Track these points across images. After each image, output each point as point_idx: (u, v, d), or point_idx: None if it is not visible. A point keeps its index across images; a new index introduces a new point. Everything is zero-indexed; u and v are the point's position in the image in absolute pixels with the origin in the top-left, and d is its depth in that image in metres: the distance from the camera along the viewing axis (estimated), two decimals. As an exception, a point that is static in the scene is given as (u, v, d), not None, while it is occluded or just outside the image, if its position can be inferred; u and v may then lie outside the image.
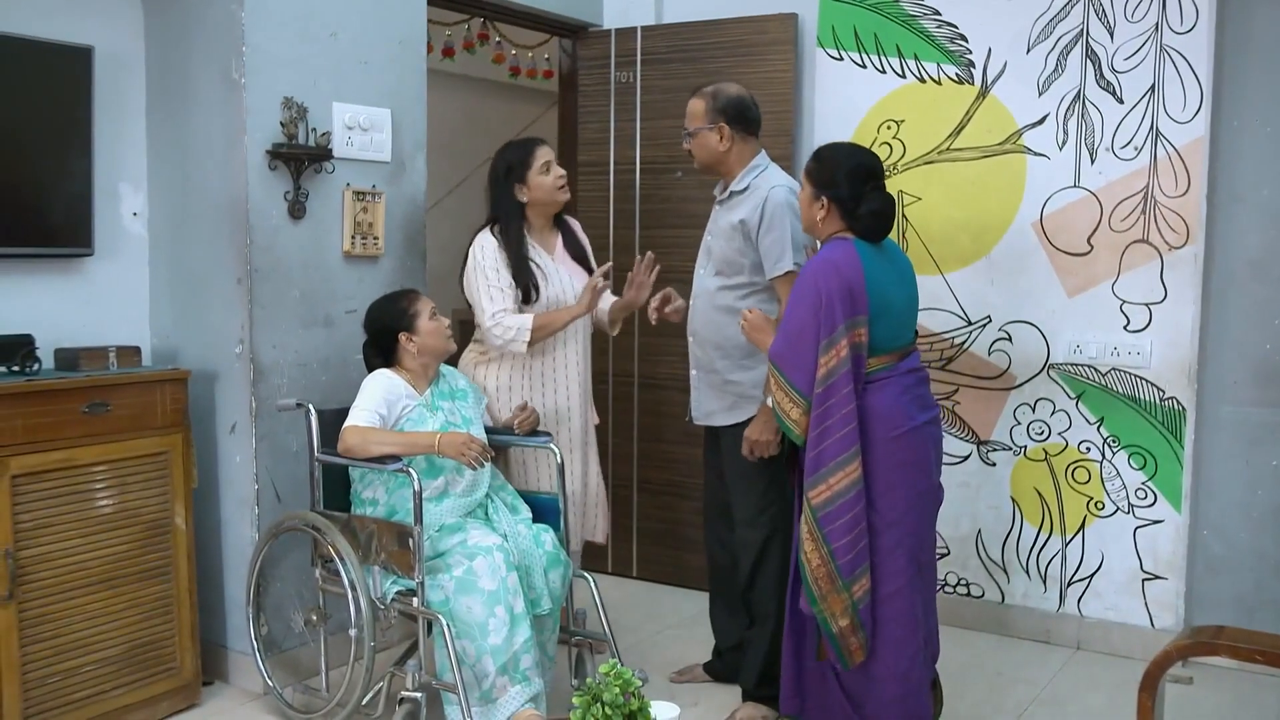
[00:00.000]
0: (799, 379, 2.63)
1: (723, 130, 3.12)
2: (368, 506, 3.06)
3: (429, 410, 3.08)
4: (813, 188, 2.78)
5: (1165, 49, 3.54)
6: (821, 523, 2.60)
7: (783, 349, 2.67)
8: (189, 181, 3.36)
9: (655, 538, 4.47)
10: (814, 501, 2.61)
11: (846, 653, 2.70)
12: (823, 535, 2.60)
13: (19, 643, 2.82)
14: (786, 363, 2.65)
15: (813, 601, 2.65)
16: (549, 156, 3.36)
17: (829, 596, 2.63)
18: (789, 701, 2.91)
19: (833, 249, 2.72)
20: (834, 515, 2.60)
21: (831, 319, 2.60)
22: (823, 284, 2.63)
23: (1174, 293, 3.57)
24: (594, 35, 4.51)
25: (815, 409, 2.60)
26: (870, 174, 2.77)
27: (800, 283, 2.69)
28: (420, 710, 2.88)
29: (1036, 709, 3.32)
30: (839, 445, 2.61)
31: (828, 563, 2.61)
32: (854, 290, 2.63)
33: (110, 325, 3.36)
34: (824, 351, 2.61)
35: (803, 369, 2.62)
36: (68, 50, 3.11)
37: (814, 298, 2.62)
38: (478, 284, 3.33)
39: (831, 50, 4.06)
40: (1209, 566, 3.68)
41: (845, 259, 2.68)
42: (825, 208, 2.76)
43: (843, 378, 2.61)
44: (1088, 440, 3.73)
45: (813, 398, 2.61)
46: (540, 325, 3.28)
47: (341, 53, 3.42)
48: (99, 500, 3.01)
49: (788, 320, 2.68)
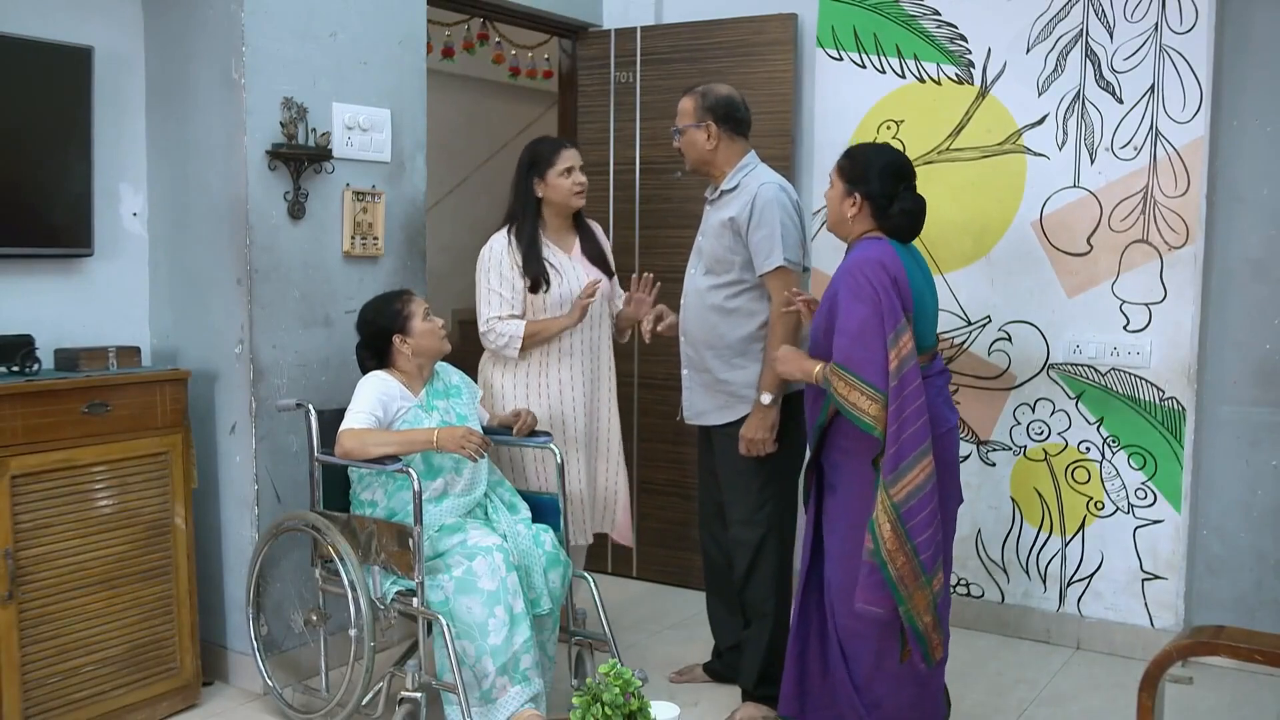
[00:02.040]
0: (872, 375, 2.56)
1: (710, 129, 3.13)
2: (366, 509, 3.06)
3: (424, 411, 3.08)
4: (844, 184, 2.77)
5: (1165, 49, 3.54)
6: (905, 518, 2.54)
7: (850, 350, 2.60)
8: (189, 182, 3.36)
9: (655, 538, 4.48)
10: (897, 498, 2.55)
11: (930, 650, 2.65)
12: (906, 531, 2.54)
13: (19, 643, 2.82)
14: (855, 363, 2.58)
15: (900, 601, 2.58)
16: (573, 162, 3.37)
17: (914, 594, 2.58)
18: (789, 704, 2.90)
19: (871, 247, 2.70)
20: (915, 510, 2.55)
21: (894, 312, 2.58)
22: (875, 279, 2.60)
23: (1174, 293, 3.57)
24: (594, 35, 4.51)
25: (892, 402, 2.55)
26: (903, 173, 2.77)
27: (850, 282, 2.64)
28: (420, 710, 2.88)
29: (1036, 709, 3.32)
30: (916, 438, 2.56)
31: (912, 559, 2.55)
32: (900, 287, 2.63)
33: (110, 325, 3.36)
34: (893, 344, 2.56)
35: (874, 364, 2.57)
36: (68, 50, 3.11)
37: (870, 292, 2.59)
38: (479, 287, 3.37)
39: (831, 50, 4.06)
40: (1209, 566, 3.68)
41: (888, 257, 2.67)
42: (857, 205, 2.75)
43: (912, 370, 2.57)
44: (1087, 440, 3.73)
45: (888, 391, 2.55)
46: (531, 333, 3.32)
47: (341, 53, 3.42)
48: (99, 500, 3.01)
49: (846, 321, 2.61)
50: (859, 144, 2.94)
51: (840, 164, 2.82)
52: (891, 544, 2.55)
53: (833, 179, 2.83)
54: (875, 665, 2.74)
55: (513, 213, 3.41)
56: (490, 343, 3.36)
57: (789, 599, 3.21)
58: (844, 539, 2.76)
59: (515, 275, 3.34)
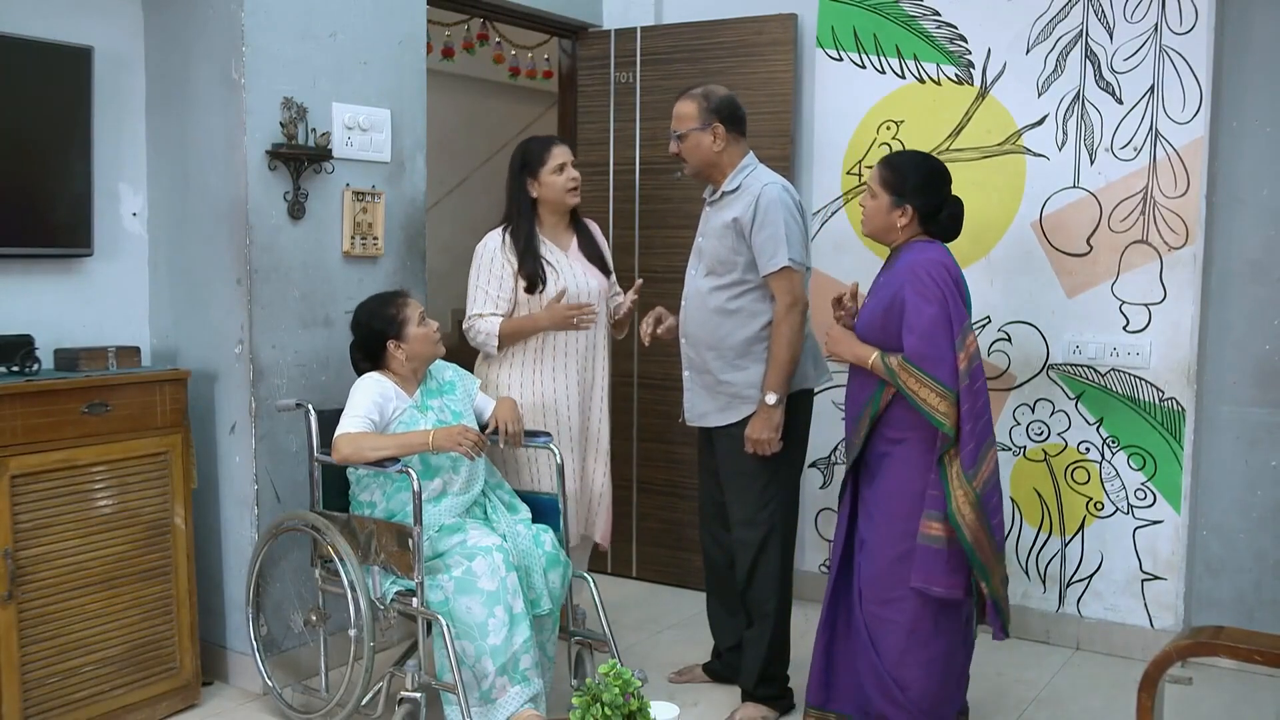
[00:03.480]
0: (942, 373, 2.70)
1: (717, 131, 3.12)
2: (365, 509, 3.06)
3: (419, 411, 3.08)
4: (891, 196, 2.86)
5: (1165, 49, 3.54)
6: (984, 501, 2.71)
7: (921, 348, 2.72)
8: (189, 182, 3.36)
9: (655, 538, 4.48)
10: (978, 485, 2.71)
11: (1007, 619, 2.84)
12: (985, 514, 2.72)
13: (19, 643, 2.82)
14: (928, 360, 2.71)
15: (986, 578, 2.75)
16: (565, 158, 3.38)
17: (993, 569, 2.76)
18: (815, 693, 3.00)
19: (930, 249, 2.82)
20: (990, 494, 2.74)
21: (960, 312, 2.73)
22: (940, 280, 2.74)
23: (1173, 293, 3.58)
24: (594, 35, 4.51)
25: (965, 400, 2.69)
26: (946, 179, 2.89)
27: (916, 283, 2.74)
28: (420, 710, 2.88)
29: (1036, 709, 3.32)
30: (987, 429, 2.74)
31: (991, 538, 2.74)
32: (960, 287, 2.78)
33: (110, 325, 3.36)
34: (960, 345, 2.71)
35: (944, 363, 2.70)
36: (68, 50, 3.11)
37: (938, 292, 2.72)
38: (469, 283, 3.38)
39: (831, 51, 4.06)
40: (1208, 567, 3.68)
41: (949, 260, 2.82)
42: (908, 215, 2.85)
43: (979, 367, 2.74)
44: (1087, 441, 3.74)
45: (960, 390, 2.69)
46: (508, 332, 3.34)
47: (341, 53, 3.42)
48: (99, 500, 3.01)
49: (916, 319, 2.73)
50: (895, 154, 3.03)
51: (883, 176, 2.89)
52: (975, 528, 2.72)
53: (874, 190, 2.89)
54: (905, 650, 2.82)
55: (509, 214, 3.41)
56: (471, 339, 3.40)
57: (790, 599, 3.23)
58: (878, 526, 2.86)
59: (507, 274, 3.34)
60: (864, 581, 2.88)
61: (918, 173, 2.86)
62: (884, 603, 2.83)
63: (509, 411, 3.21)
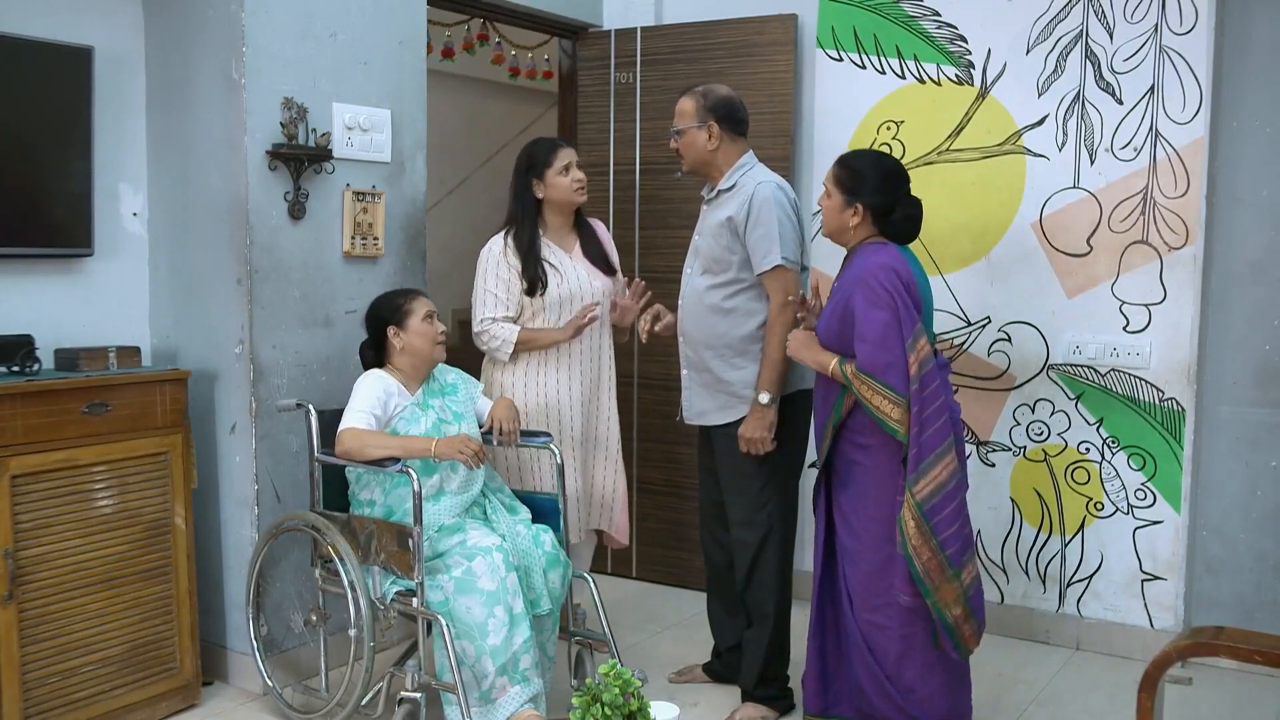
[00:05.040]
0: (894, 380, 2.66)
1: (712, 129, 3.13)
2: (364, 508, 3.07)
3: (420, 409, 3.08)
4: (844, 195, 2.83)
5: (1165, 50, 3.54)
6: (928, 515, 2.65)
7: (871, 357, 2.68)
8: (189, 182, 3.36)
9: (655, 538, 4.48)
10: (919, 496, 2.65)
11: (961, 641, 2.76)
12: (930, 528, 2.65)
13: (19, 643, 2.82)
14: (879, 368, 2.67)
15: (926, 594, 2.69)
16: (571, 159, 3.38)
17: (941, 587, 2.68)
18: (813, 699, 2.96)
19: (880, 253, 2.78)
20: (939, 507, 2.66)
21: (910, 316, 2.67)
22: (889, 285, 2.69)
23: (1173, 293, 3.58)
24: (594, 36, 4.51)
25: (913, 405, 2.64)
26: (902, 179, 2.85)
27: (864, 289, 2.71)
28: (420, 710, 2.88)
29: (1036, 709, 3.32)
30: (937, 437, 2.66)
31: (938, 554, 2.66)
32: (911, 290, 2.72)
33: (110, 325, 3.36)
34: (911, 349, 2.66)
35: (895, 369, 2.66)
36: (68, 50, 3.11)
37: (887, 299, 2.68)
38: (476, 288, 3.37)
39: (831, 51, 4.06)
40: (1208, 567, 3.68)
41: (898, 262, 2.76)
42: (859, 214, 2.81)
43: (931, 371, 2.68)
44: (1087, 441, 3.74)
45: (910, 395, 2.64)
46: (524, 340, 3.33)
47: (341, 53, 3.42)
48: (99, 500, 3.01)
49: (867, 328, 2.69)
50: (852, 152, 2.99)
51: (837, 175, 2.86)
52: (916, 540, 2.65)
53: (829, 189, 2.87)
54: (902, 653, 2.81)
55: (512, 216, 3.41)
56: (483, 344, 3.37)
57: (789, 599, 3.22)
58: (858, 534, 2.83)
59: (513, 277, 3.34)
60: (852, 589, 2.86)
61: (872, 172, 2.82)
62: (874, 609, 2.82)
63: (505, 411, 3.21)
